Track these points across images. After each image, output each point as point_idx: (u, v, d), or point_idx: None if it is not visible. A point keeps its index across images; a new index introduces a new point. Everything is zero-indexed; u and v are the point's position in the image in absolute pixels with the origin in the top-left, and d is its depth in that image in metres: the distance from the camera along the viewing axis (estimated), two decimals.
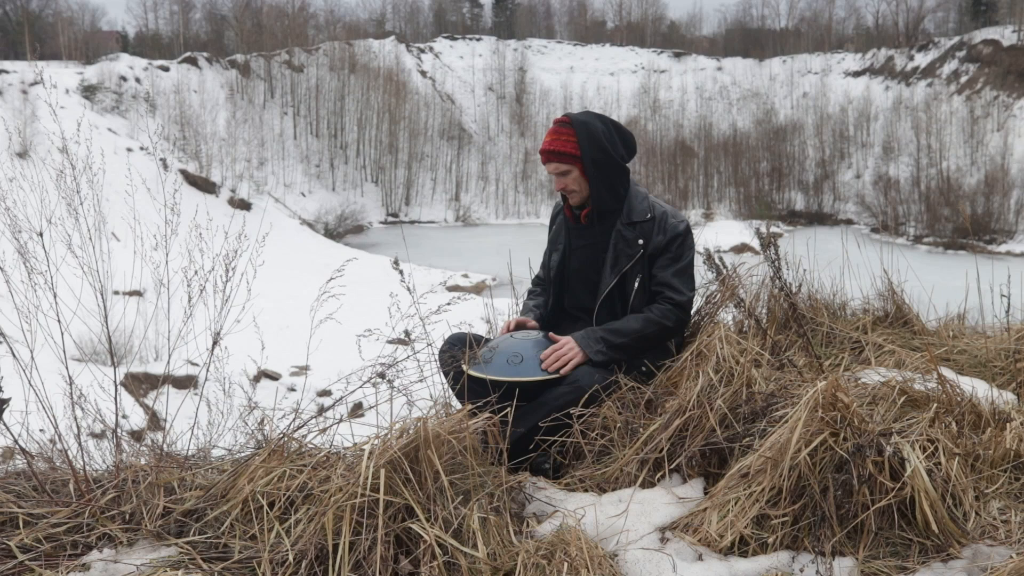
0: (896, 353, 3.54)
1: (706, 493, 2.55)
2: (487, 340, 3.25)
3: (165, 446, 2.71)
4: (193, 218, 2.76)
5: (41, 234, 2.51)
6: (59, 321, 2.50)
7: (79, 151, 2.69)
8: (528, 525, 2.45)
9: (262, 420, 2.72)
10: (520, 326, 3.38)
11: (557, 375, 3.04)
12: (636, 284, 3.23)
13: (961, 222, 47.90)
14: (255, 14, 69.15)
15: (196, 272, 2.66)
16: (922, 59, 66.87)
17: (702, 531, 2.35)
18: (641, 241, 3.25)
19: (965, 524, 2.33)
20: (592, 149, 3.25)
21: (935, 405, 2.76)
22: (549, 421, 2.90)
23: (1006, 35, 61.60)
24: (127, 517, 2.33)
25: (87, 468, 2.52)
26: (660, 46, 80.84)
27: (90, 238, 2.50)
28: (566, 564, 2.16)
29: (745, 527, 2.31)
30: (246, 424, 2.81)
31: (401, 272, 2.93)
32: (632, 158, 3.37)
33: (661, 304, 3.22)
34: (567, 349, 3.08)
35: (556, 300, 3.48)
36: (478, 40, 77.64)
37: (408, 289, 2.85)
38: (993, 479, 2.53)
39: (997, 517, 2.38)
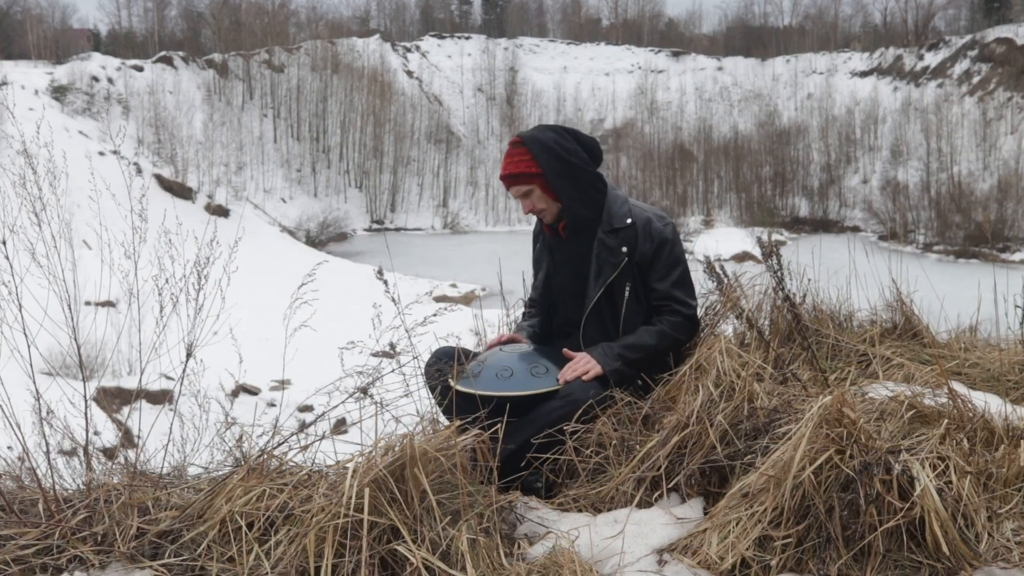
0: (905, 367, 3.48)
1: (706, 513, 2.51)
2: (475, 354, 3.19)
3: (139, 464, 2.67)
4: (162, 223, 2.70)
5: (4, 243, 2.45)
6: (25, 334, 2.44)
7: (44, 155, 2.63)
8: (519, 547, 2.41)
9: (240, 437, 2.68)
10: (512, 341, 3.31)
11: (548, 389, 2.97)
12: (626, 293, 3.17)
13: (973, 229, 47.36)
14: (233, 11, 68.67)
15: (167, 280, 2.61)
16: (932, 58, 66.58)
17: (702, 553, 2.31)
18: (625, 248, 3.17)
19: (977, 546, 2.29)
20: (550, 161, 3.16)
21: (946, 421, 2.70)
22: (541, 437, 2.83)
23: (1020, 33, 60.94)
24: (99, 538, 2.29)
25: (57, 487, 2.48)
26: (658, 45, 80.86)
27: (55, 246, 2.44)
28: None
29: (747, 549, 2.27)
30: (223, 441, 2.77)
31: (385, 282, 2.87)
32: (598, 163, 3.29)
33: (671, 317, 3.17)
34: (584, 363, 3.02)
35: (546, 318, 3.42)
36: (467, 39, 77.50)
37: (393, 300, 2.79)
38: (1006, 498, 2.48)
39: (1011, 538, 2.34)
